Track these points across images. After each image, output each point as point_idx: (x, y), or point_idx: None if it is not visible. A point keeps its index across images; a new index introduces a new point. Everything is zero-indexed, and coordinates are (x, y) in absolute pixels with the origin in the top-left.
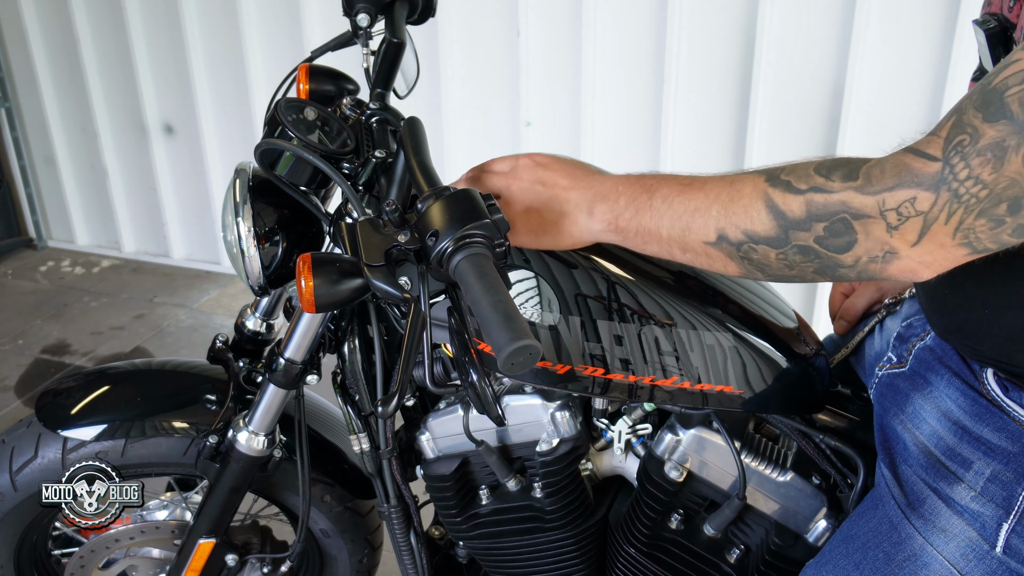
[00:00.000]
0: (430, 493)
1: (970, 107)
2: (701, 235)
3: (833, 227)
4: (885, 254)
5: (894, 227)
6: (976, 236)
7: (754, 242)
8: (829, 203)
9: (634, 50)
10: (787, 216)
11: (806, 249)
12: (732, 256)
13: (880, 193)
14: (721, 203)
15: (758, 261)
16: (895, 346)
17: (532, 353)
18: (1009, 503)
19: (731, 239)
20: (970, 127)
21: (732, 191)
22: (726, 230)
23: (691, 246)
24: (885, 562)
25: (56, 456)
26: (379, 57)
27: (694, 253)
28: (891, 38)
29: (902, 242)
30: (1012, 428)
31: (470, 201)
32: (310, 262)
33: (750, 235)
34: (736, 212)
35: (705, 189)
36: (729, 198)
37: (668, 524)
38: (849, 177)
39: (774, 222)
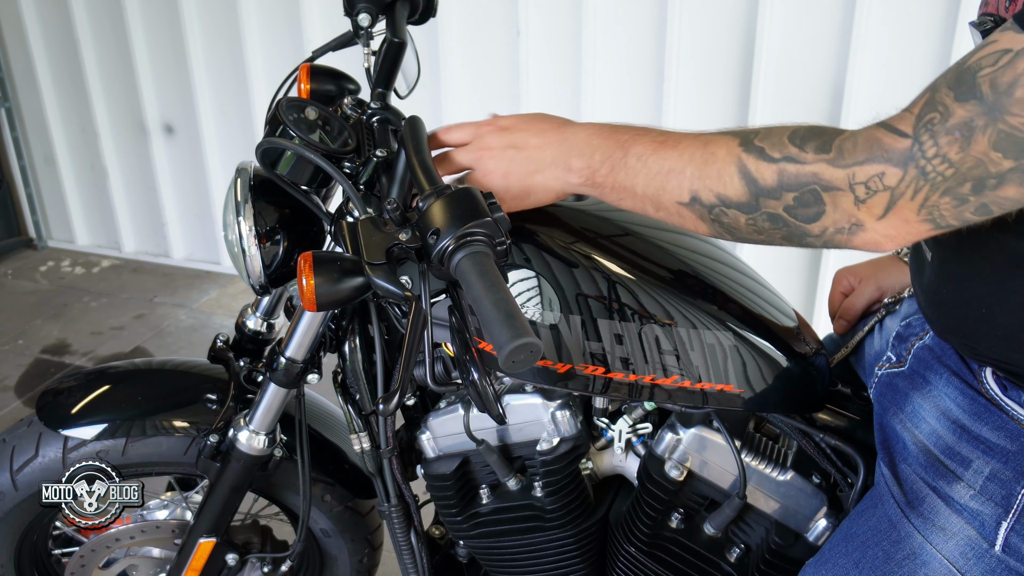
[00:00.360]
0: (430, 492)
1: (943, 85)
2: (675, 195)
3: (803, 197)
4: (851, 226)
5: (862, 200)
6: (940, 213)
7: (725, 206)
8: (801, 174)
9: (634, 50)
10: (759, 183)
11: (775, 217)
12: (703, 217)
13: (851, 167)
14: (695, 164)
15: (728, 224)
16: (894, 345)
17: (533, 351)
18: (1008, 502)
19: (704, 201)
20: (941, 105)
21: (706, 153)
22: (699, 192)
23: (664, 205)
24: (884, 561)
25: (57, 455)
26: (380, 57)
27: (667, 212)
28: (891, 38)
29: (868, 215)
30: (1011, 427)
31: (471, 199)
32: (311, 261)
33: (722, 199)
34: (710, 175)
35: (679, 148)
36: (703, 160)
37: (668, 523)
38: (822, 149)
39: (746, 188)
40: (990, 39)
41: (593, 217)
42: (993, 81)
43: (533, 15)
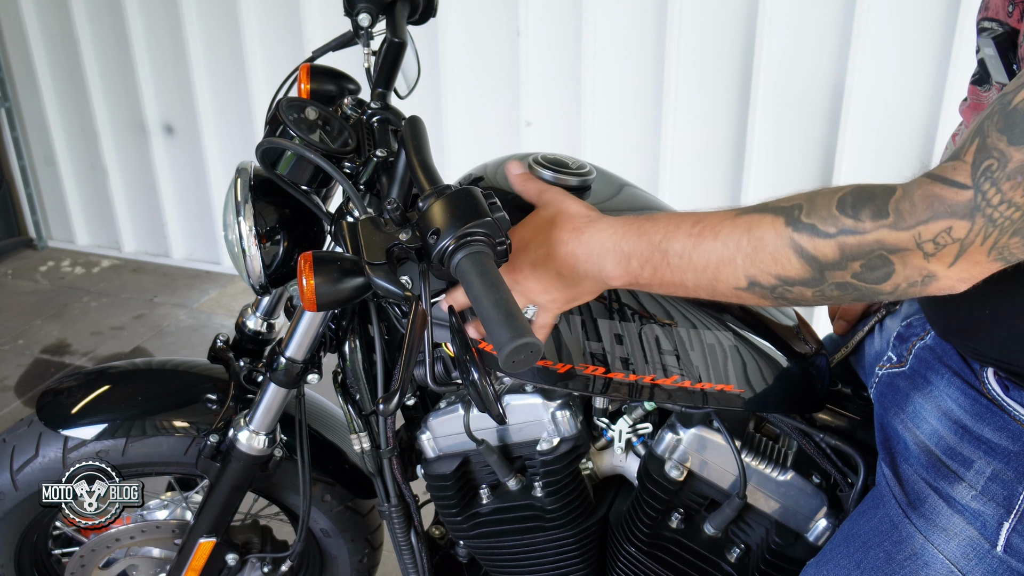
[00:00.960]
0: (430, 492)
1: (992, 130)
2: (731, 283)
3: (870, 263)
4: (924, 278)
5: (931, 255)
6: (1010, 252)
7: (788, 285)
8: (863, 243)
9: (634, 50)
10: (820, 260)
11: (843, 285)
12: (765, 296)
13: (915, 227)
14: (744, 254)
15: (793, 298)
16: (895, 345)
17: (533, 351)
18: (1010, 502)
19: (763, 284)
20: (996, 151)
21: (752, 239)
22: (757, 277)
23: (720, 292)
24: (886, 561)
25: (57, 455)
26: (380, 57)
27: (724, 297)
28: (891, 38)
29: (940, 265)
30: (1013, 427)
31: (471, 199)
32: (311, 261)
33: (783, 279)
34: (763, 261)
35: (720, 237)
36: (752, 248)
37: (668, 523)
38: (879, 215)
39: (807, 266)
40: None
41: None
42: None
43: (533, 15)
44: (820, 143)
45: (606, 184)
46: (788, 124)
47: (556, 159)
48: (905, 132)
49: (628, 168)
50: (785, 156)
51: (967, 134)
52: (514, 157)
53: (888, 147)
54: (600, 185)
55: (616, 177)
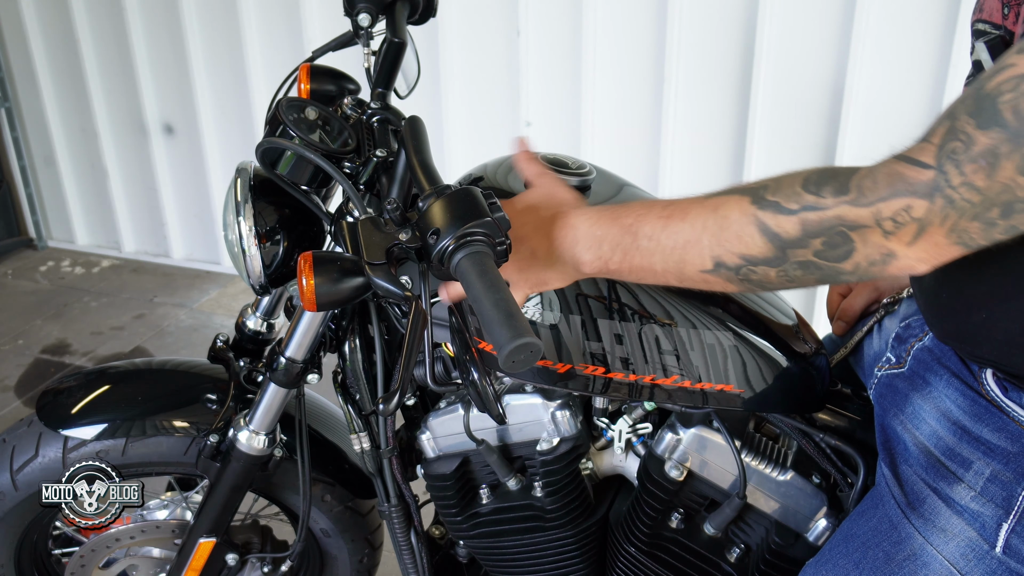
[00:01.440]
0: (430, 492)
1: (963, 112)
2: (697, 265)
3: (830, 240)
4: (883, 256)
5: (891, 232)
6: (970, 236)
7: (752, 264)
8: (824, 219)
9: (634, 50)
10: (782, 237)
11: (806, 264)
12: (731, 280)
13: (875, 204)
14: (710, 232)
15: (758, 280)
16: (893, 347)
17: (533, 351)
18: (1009, 503)
19: (728, 264)
20: (963, 134)
21: (718, 218)
22: (722, 257)
23: (688, 276)
24: (885, 561)
25: (57, 455)
26: (380, 57)
27: (691, 280)
28: (891, 38)
29: (899, 244)
30: (1012, 428)
31: (471, 199)
32: (311, 260)
33: (747, 259)
34: (728, 239)
35: (689, 218)
36: (718, 226)
37: (668, 523)
38: (840, 191)
39: (769, 244)
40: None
41: None
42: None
43: (533, 15)
44: (820, 143)
45: (606, 184)
46: (788, 124)
47: (556, 159)
48: (905, 132)
49: (628, 168)
50: (785, 156)
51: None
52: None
53: (888, 147)
54: (600, 185)
55: (616, 177)
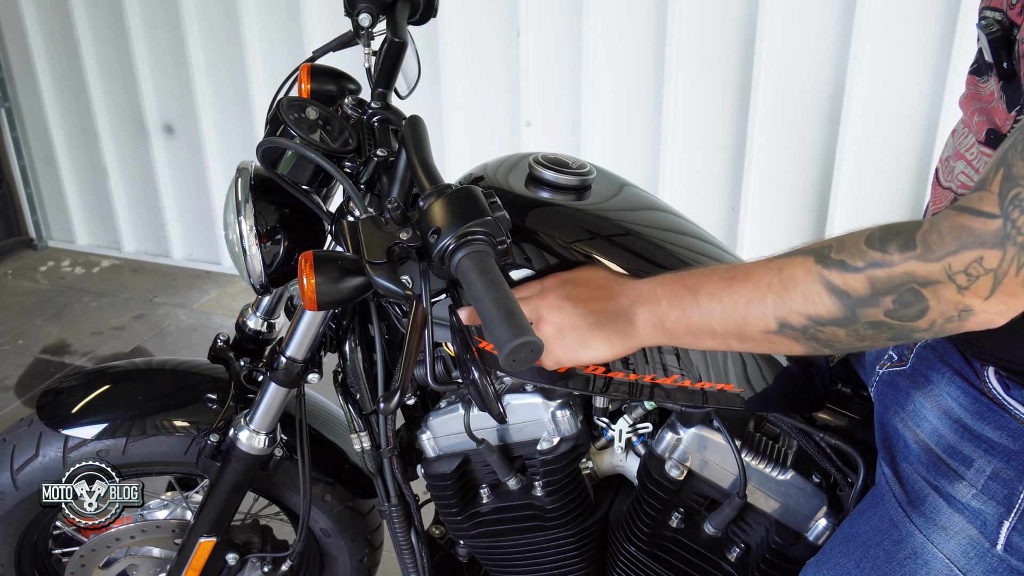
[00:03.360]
0: (431, 492)
1: (1017, 159)
2: (760, 325)
3: (902, 299)
4: (960, 313)
5: (965, 287)
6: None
7: (820, 325)
8: (893, 276)
9: (634, 50)
10: (851, 295)
11: (877, 324)
12: (797, 339)
13: (944, 258)
14: (774, 292)
15: (827, 340)
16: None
17: (534, 349)
18: (1010, 501)
19: (794, 325)
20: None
21: (783, 278)
22: (787, 317)
23: (750, 336)
24: (886, 560)
25: (57, 455)
26: (380, 57)
27: (754, 342)
28: (891, 38)
29: (975, 299)
30: (1013, 426)
31: (472, 199)
32: (312, 260)
33: (814, 319)
34: (794, 299)
35: (752, 279)
36: (782, 286)
37: (668, 523)
38: (906, 247)
39: (838, 303)
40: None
41: (594, 217)
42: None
43: (533, 15)
44: (820, 143)
45: (606, 184)
46: (788, 124)
47: (556, 159)
48: (905, 132)
49: (628, 168)
50: (785, 156)
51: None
52: (517, 156)
53: (888, 147)
54: (600, 185)
55: (616, 177)
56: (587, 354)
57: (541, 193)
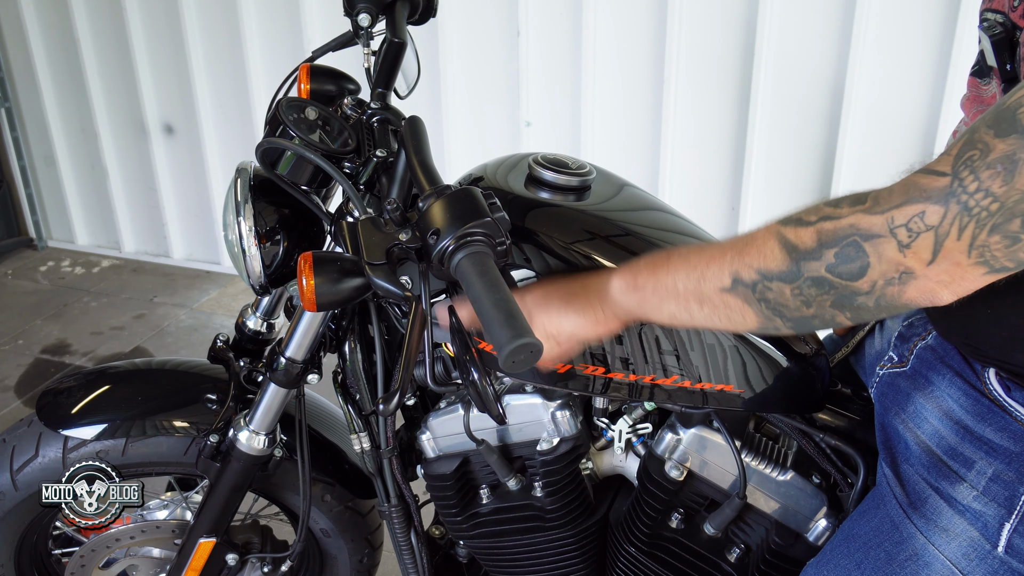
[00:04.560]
0: (430, 492)
1: (982, 126)
2: (716, 282)
3: (844, 252)
4: (901, 275)
5: (905, 245)
6: (992, 254)
7: (768, 279)
8: (839, 228)
9: (634, 50)
10: (798, 248)
11: (819, 280)
12: (748, 300)
13: (888, 211)
14: (735, 249)
15: (774, 300)
16: (896, 345)
17: (533, 351)
18: (1011, 503)
19: (745, 280)
20: (980, 143)
21: (746, 237)
22: (740, 272)
23: (707, 295)
24: (887, 561)
25: (57, 455)
26: (380, 57)
27: (711, 304)
28: (891, 38)
29: (916, 261)
30: (1014, 428)
31: (471, 200)
32: (311, 261)
33: (763, 272)
34: (749, 253)
35: (723, 243)
36: (743, 243)
37: (668, 523)
38: (857, 202)
39: (786, 255)
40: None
41: (593, 217)
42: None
43: (533, 15)
44: (820, 143)
45: (606, 184)
46: (788, 124)
47: (556, 159)
48: (905, 132)
49: (628, 168)
50: (785, 156)
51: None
52: (517, 156)
53: (888, 147)
54: (600, 185)
55: (616, 177)
56: (568, 322)
57: (541, 193)
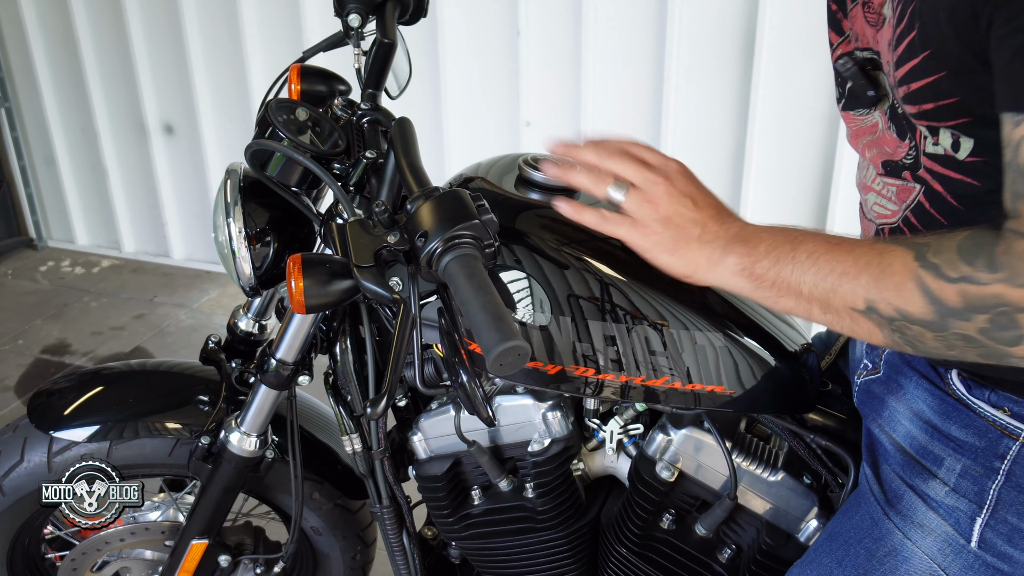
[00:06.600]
0: (422, 493)
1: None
2: (848, 301)
3: (996, 320)
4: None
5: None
6: None
7: (908, 322)
8: (985, 296)
9: (634, 50)
10: (943, 303)
11: (969, 338)
12: (881, 326)
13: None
14: (871, 273)
15: (911, 337)
16: (868, 352)
17: (521, 354)
18: (981, 497)
19: (882, 312)
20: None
21: (882, 263)
22: (877, 303)
23: (835, 308)
24: (867, 558)
25: (42, 459)
26: (370, 57)
27: (836, 315)
28: None
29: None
30: (978, 424)
31: (459, 202)
32: (300, 263)
33: (903, 314)
34: (887, 287)
35: (854, 253)
36: (880, 270)
37: (660, 524)
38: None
39: (930, 307)
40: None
41: None
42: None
43: (533, 15)
44: (820, 143)
45: None
46: (788, 124)
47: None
48: None
49: None
50: (785, 156)
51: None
52: (510, 156)
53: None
54: None
55: None
56: (667, 258)
57: (531, 194)
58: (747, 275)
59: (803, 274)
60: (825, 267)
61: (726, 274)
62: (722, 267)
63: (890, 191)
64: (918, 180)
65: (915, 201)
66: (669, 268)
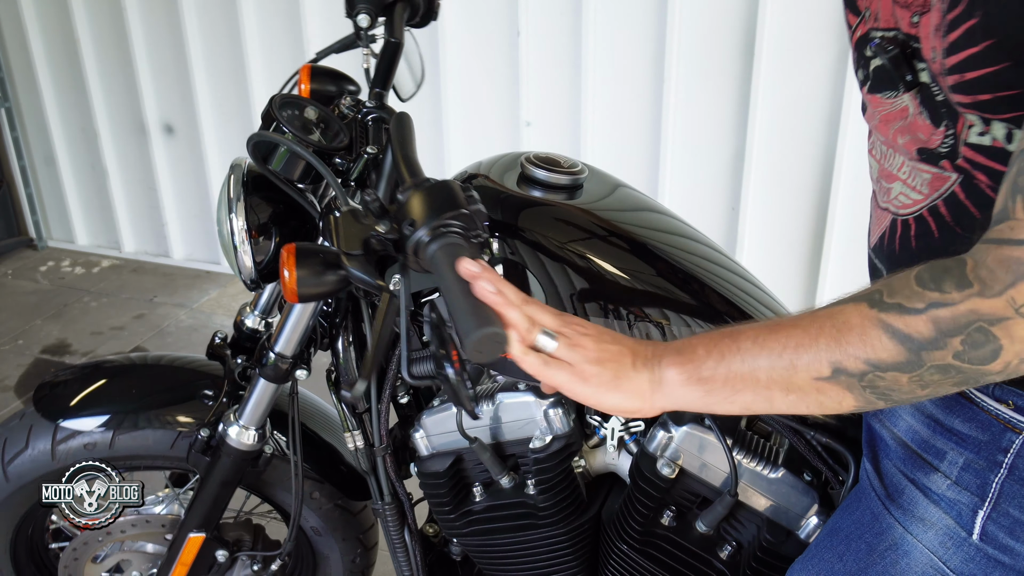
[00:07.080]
0: (424, 490)
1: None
2: (812, 371)
3: (971, 338)
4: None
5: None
6: None
7: (880, 370)
8: (957, 315)
9: (634, 50)
10: (914, 338)
11: (945, 368)
12: (851, 388)
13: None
14: (827, 336)
15: (884, 388)
16: None
17: (499, 340)
18: (983, 491)
19: (850, 371)
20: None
21: (836, 323)
22: (842, 362)
23: (798, 385)
24: (868, 553)
25: (46, 447)
26: (378, 57)
27: (800, 393)
28: None
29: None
30: (981, 417)
31: (448, 192)
32: (294, 252)
33: (874, 364)
34: (851, 343)
35: (801, 325)
36: (836, 331)
37: (660, 521)
38: (962, 284)
39: (900, 346)
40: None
41: (583, 215)
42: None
43: (533, 15)
44: (820, 142)
45: (599, 183)
46: (788, 124)
47: (548, 158)
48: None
49: (627, 168)
50: (785, 156)
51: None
52: (512, 155)
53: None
54: (593, 184)
55: (610, 177)
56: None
57: (532, 192)
58: (695, 381)
59: (754, 360)
60: (776, 347)
61: (674, 389)
62: (667, 384)
63: (922, 179)
64: (957, 169)
65: (948, 191)
66: (618, 407)
